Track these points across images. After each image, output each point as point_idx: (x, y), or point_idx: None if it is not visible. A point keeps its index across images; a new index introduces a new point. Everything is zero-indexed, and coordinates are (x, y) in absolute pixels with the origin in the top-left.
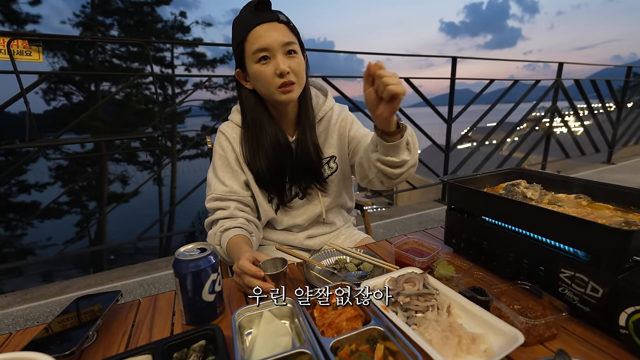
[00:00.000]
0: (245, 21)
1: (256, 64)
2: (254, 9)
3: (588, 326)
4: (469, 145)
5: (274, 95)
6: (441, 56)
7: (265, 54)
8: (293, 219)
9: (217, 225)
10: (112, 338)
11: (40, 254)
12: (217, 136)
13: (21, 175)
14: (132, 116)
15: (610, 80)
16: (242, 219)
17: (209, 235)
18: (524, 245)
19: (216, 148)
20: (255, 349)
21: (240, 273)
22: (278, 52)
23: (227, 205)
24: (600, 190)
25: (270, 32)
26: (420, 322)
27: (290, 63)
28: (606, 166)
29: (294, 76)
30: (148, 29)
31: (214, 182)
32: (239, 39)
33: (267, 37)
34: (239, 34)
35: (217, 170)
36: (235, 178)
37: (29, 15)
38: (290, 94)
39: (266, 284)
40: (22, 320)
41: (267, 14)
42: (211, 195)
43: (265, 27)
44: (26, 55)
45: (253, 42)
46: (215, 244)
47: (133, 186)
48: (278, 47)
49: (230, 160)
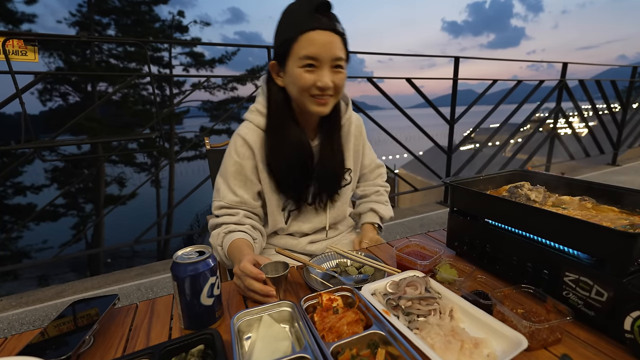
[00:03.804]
0: (300, 20)
1: (299, 68)
2: (314, 10)
3: (593, 330)
4: (472, 147)
5: (305, 103)
6: (443, 56)
7: (312, 62)
8: (299, 226)
9: (222, 227)
10: (109, 342)
11: (36, 257)
12: (235, 139)
13: (17, 177)
14: (129, 117)
15: (616, 81)
16: (248, 225)
17: (212, 235)
18: (528, 248)
19: (231, 152)
20: (254, 353)
21: (241, 275)
22: (326, 64)
23: (235, 212)
24: (605, 193)
25: (325, 43)
26: (422, 326)
27: (334, 78)
28: (611, 168)
29: (334, 90)
30: (145, 29)
31: (224, 189)
32: (288, 37)
33: (320, 46)
34: (290, 32)
35: (228, 178)
36: (247, 188)
37: (24, 15)
38: (324, 107)
39: (267, 287)
40: (17, 325)
41: (327, 20)
42: (219, 202)
43: (321, 34)
44: (22, 55)
45: (304, 46)
46: (217, 244)
47: (130, 188)
48: (328, 60)
49: (247, 169)
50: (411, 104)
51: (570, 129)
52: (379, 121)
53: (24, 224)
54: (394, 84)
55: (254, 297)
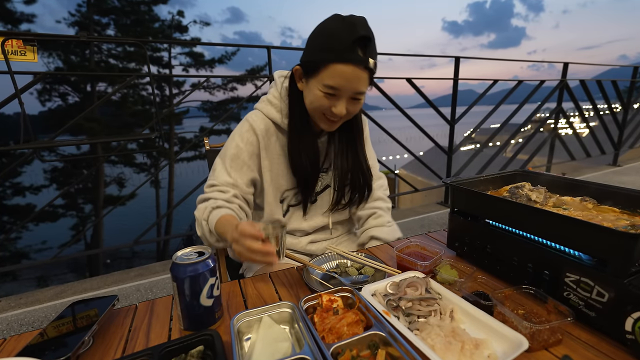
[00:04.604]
0: (337, 48)
1: (319, 91)
2: (352, 43)
3: (594, 331)
4: (473, 147)
5: (315, 118)
6: (444, 56)
7: (333, 92)
8: (299, 223)
9: (209, 202)
10: (108, 343)
11: (35, 257)
12: (242, 124)
13: (16, 178)
14: (128, 117)
15: (617, 81)
16: (237, 205)
17: (198, 209)
18: (528, 248)
19: (235, 136)
20: (254, 354)
21: (239, 237)
22: (346, 95)
23: (226, 190)
24: (606, 193)
25: (352, 78)
26: (422, 327)
27: (350, 107)
28: (612, 168)
29: (347, 116)
30: (145, 29)
31: (220, 170)
32: (320, 59)
33: (345, 81)
34: (323, 55)
35: (226, 159)
36: (243, 173)
37: (23, 14)
38: (332, 126)
39: (266, 245)
40: (16, 325)
41: (362, 55)
42: (213, 182)
43: (350, 70)
44: (21, 55)
45: (330, 75)
46: (202, 218)
47: (130, 189)
48: (349, 92)
49: (246, 154)
50: (411, 104)
51: (571, 130)
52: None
53: (23, 224)
54: (394, 84)
55: (254, 259)
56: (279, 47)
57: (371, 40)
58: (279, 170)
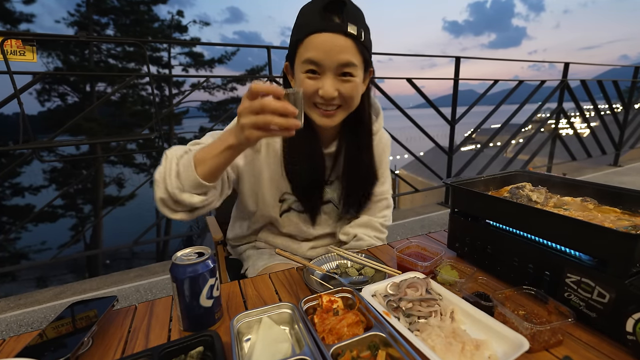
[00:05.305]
0: (307, 20)
1: (302, 74)
2: (322, 9)
3: (594, 332)
4: (473, 147)
5: (309, 113)
6: (444, 56)
7: (313, 67)
8: (297, 227)
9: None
10: (107, 344)
11: (34, 258)
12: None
13: (15, 178)
14: (128, 117)
15: (618, 81)
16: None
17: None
18: (529, 249)
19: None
20: (254, 355)
21: (251, 96)
22: (329, 71)
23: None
24: (606, 193)
25: (330, 47)
26: (423, 328)
27: (340, 87)
28: (613, 169)
29: (341, 100)
30: (144, 28)
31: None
32: (296, 38)
33: (322, 51)
34: (297, 32)
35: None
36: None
37: (22, 14)
38: (329, 120)
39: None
40: (15, 326)
41: (335, 20)
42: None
43: (326, 37)
44: (20, 55)
45: (306, 49)
46: (172, 156)
47: (129, 189)
48: (331, 66)
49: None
50: (412, 104)
51: (572, 130)
52: None
53: (22, 225)
54: (395, 84)
55: (270, 121)
56: (278, 47)
57: (345, 4)
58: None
